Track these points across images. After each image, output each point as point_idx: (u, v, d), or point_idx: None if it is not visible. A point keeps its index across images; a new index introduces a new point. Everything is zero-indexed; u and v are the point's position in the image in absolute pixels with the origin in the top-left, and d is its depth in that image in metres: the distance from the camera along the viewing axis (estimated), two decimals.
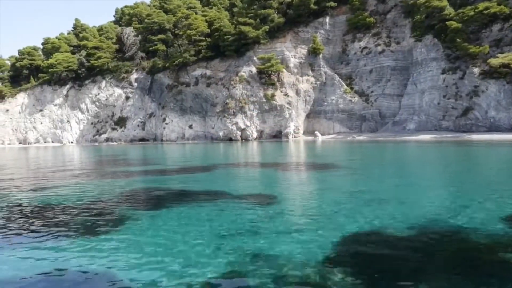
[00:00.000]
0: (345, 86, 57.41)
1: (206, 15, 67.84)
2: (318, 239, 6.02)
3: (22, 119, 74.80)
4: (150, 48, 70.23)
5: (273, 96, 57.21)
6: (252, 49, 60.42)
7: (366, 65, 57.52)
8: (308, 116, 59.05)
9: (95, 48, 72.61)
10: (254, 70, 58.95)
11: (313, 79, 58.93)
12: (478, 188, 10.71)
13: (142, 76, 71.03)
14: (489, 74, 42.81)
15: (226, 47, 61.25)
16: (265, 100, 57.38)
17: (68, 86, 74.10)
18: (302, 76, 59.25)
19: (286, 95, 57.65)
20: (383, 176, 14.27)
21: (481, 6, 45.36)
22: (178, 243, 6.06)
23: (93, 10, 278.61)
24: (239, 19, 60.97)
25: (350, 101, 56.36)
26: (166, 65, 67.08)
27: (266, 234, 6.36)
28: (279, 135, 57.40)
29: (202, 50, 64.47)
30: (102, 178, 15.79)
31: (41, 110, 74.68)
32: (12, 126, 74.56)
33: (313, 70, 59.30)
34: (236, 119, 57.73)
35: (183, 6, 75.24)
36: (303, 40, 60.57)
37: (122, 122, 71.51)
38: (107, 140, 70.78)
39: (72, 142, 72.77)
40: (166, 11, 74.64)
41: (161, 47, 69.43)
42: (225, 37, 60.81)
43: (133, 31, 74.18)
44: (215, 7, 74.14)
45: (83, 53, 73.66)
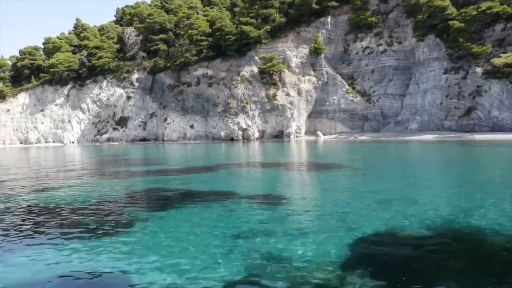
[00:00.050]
0: (347, 86, 57.31)
1: (207, 15, 67.83)
2: (332, 240, 5.93)
3: (23, 119, 74.71)
4: (151, 48, 70.23)
5: (274, 96, 57.11)
6: (253, 49, 60.31)
7: (368, 65, 57.40)
8: (310, 116, 58.96)
9: (96, 48, 72.60)
10: (255, 70, 58.85)
11: (315, 79, 58.83)
12: (488, 188, 10.63)
13: (143, 76, 70.97)
14: (492, 74, 42.74)
15: (228, 47, 61.17)
16: (266, 100, 57.29)
17: (69, 86, 74.03)
18: (303, 76, 59.14)
19: (287, 95, 57.55)
20: (389, 176, 14.19)
21: (483, 5, 45.29)
22: (191, 245, 5.98)
23: (94, 10, 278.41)
24: (241, 19, 60.91)
25: (352, 101, 56.26)
26: (167, 65, 67.02)
27: (278, 235, 6.28)
28: (281, 135, 57.29)
29: (204, 50, 64.37)
30: (107, 178, 15.72)
31: (42, 110, 74.60)
32: (13, 126, 74.47)
33: (314, 70, 59.19)
34: (237, 119, 57.64)
35: (184, 5, 75.26)
36: (305, 39, 60.44)
37: (123, 122, 71.44)
38: (108, 140, 70.70)
39: (73, 142, 72.71)
40: (167, 11, 74.66)
41: (162, 47, 69.42)
42: (226, 36, 60.73)
43: (134, 31, 74.15)
44: (216, 7, 74.14)
45: (84, 53, 73.71)
